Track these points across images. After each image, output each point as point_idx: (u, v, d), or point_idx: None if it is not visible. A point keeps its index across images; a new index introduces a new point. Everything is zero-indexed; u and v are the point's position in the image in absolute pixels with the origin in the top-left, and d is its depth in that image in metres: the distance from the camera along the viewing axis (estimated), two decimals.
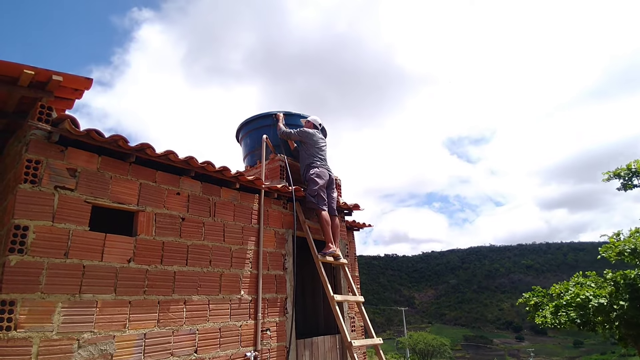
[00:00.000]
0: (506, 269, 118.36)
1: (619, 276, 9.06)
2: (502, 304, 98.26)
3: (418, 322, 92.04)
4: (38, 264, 2.50)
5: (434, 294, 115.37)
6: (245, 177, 3.89)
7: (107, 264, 2.82)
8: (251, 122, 5.28)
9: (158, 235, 3.17)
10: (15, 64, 2.54)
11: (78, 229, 2.73)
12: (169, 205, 3.31)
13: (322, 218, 4.43)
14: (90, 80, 2.85)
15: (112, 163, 3.03)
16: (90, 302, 2.67)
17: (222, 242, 3.64)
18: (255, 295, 3.78)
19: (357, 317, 4.89)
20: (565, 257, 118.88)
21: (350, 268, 5.04)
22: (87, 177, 2.85)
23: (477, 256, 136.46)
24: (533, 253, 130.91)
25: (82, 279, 2.67)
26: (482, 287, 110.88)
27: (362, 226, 6.30)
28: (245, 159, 5.38)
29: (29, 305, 2.41)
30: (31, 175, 2.59)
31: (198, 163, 3.45)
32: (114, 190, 2.98)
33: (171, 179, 3.39)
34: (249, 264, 3.82)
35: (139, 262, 2.99)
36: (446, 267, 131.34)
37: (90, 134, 2.80)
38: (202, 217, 3.54)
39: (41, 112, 2.71)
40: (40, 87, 2.76)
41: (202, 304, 3.32)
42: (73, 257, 2.66)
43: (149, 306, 2.97)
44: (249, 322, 3.66)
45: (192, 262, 3.34)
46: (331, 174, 4.79)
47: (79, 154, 2.85)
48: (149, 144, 3.11)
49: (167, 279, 3.14)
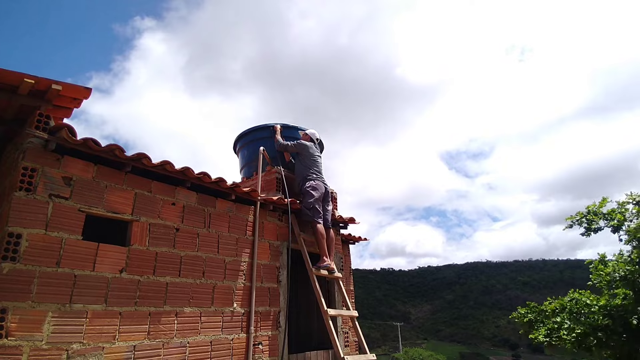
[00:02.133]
0: (503, 285, 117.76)
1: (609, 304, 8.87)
2: (499, 321, 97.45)
3: (413, 337, 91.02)
4: (30, 273, 2.48)
5: (430, 310, 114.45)
6: (241, 189, 3.90)
7: (98, 273, 2.80)
8: (248, 134, 5.31)
9: (152, 245, 3.16)
10: (16, 72, 2.57)
11: (71, 237, 2.72)
12: (164, 216, 3.31)
13: (318, 231, 4.43)
14: (89, 89, 2.88)
15: (108, 172, 3.03)
16: (81, 313, 2.64)
17: (216, 254, 3.62)
18: (248, 308, 3.74)
19: (351, 332, 4.85)
20: (561, 274, 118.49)
21: (345, 282, 5.01)
22: (82, 186, 2.85)
23: (474, 272, 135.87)
24: (529, 269, 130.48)
25: (73, 289, 2.64)
26: (478, 303, 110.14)
27: (357, 240, 6.28)
28: (242, 170, 5.40)
29: (20, 314, 2.39)
30: (26, 183, 2.59)
31: (194, 174, 3.46)
32: (109, 200, 2.98)
33: (167, 189, 3.39)
34: (242, 276, 3.80)
35: (131, 272, 2.97)
36: (442, 282, 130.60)
37: (87, 143, 2.81)
38: (197, 228, 3.54)
39: (39, 121, 2.73)
40: (40, 95, 2.78)
41: (193, 316, 3.29)
42: (65, 266, 2.64)
43: (139, 318, 2.94)
44: (241, 335, 3.62)
45: (185, 273, 3.32)
46: (327, 186, 4.81)
47: (75, 162, 2.86)
48: (145, 154, 3.12)
49: (159, 290, 3.12)
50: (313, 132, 5.12)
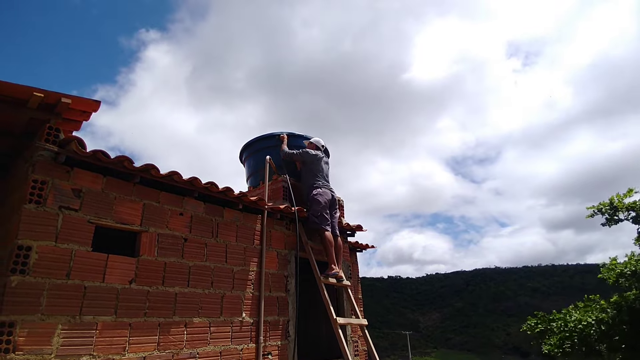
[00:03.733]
0: (512, 292, 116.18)
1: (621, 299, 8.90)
2: (510, 328, 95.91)
3: (423, 346, 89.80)
4: (39, 285, 2.49)
5: (439, 318, 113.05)
6: (249, 198, 3.90)
7: (108, 285, 2.80)
8: (254, 144, 5.33)
9: (160, 255, 3.16)
10: (25, 86, 2.61)
11: (81, 249, 2.73)
12: (172, 226, 3.32)
13: (326, 239, 4.41)
14: (98, 102, 2.91)
15: (117, 183, 3.05)
16: (91, 324, 2.64)
17: (224, 263, 3.61)
18: (256, 317, 3.72)
19: (360, 340, 4.79)
20: (572, 280, 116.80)
21: (353, 290, 4.98)
22: (91, 198, 2.87)
23: (483, 278, 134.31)
24: (539, 275, 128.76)
25: (83, 300, 2.64)
26: (488, 310, 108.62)
27: (365, 247, 6.25)
28: (249, 179, 5.41)
29: (29, 327, 2.38)
30: (36, 196, 2.61)
31: (202, 184, 3.47)
32: (118, 211, 3.00)
33: (174, 200, 3.41)
34: (250, 285, 3.79)
35: (140, 283, 2.97)
36: (451, 290, 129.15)
37: (96, 155, 2.83)
38: (205, 237, 3.54)
39: (49, 134, 2.76)
40: (49, 109, 2.82)
41: (203, 326, 3.28)
42: (75, 277, 2.65)
43: (149, 328, 2.93)
44: (250, 345, 3.59)
45: (193, 283, 3.32)
46: (334, 194, 4.80)
47: (84, 174, 2.88)
48: (154, 165, 3.14)
49: (169, 300, 3.11)
50: (318, 140, 5.13)
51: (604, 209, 10.02)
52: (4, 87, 2.56)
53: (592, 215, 10.29)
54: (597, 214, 10.24)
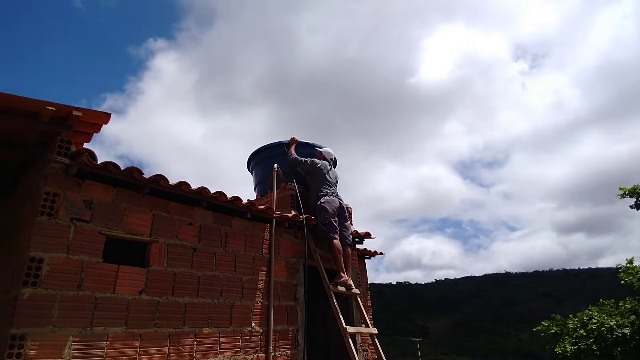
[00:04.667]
0: (523, 297, 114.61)
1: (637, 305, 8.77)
2: (521, 334, 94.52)
3: (433, 353, 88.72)
4: (51, 297, 2.50)
5: (448, 324, 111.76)
6: (257, 207, 3.91)
7: (119, 295, 2.81)
8: (262, 152, 5.35)
9: (170, 266, 3.17)
10: (37, 100, 2.65)
11: (92, 260, 2.75)
12: (181, 236, 3.33)
13: (334, 247, 4.40)
14: (108, 115, 2.95)
15: (127, 194, 3.08)
16: (101, 336, 2.65)
17: (233, 273, 3.61)
18: (266, 327, 3.71)
19: (370, 349, 4.75)
20: (583, 284, 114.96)
21: (363, 298, 4.94)
22: (102, 209, 2.89)
23: (493, 283, 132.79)
24: (550, 280, 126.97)
25: (94, 312, 2.66)
26: (499, 316, 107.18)
27: (373, 254, 6.21)
28: (257, 188, 5.42)
29: (40, 340, 2.40)
30: (48, 208, 2.64)
31: (210, 193, 3.49)
32: (128, 222, 3.02)
33: (183, 210, 3.42)
34: (259, 294, 3.78)
35: (150, 293, 2.98)
36: (461, 295, 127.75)
37: (107, 166, 2.86)
38: (214, 247, 3.54)
39: (60, 146, 2.80)
40: (60, 122, 2.86)
41: (212, 336, 3.27)
42: (86, 289, 2.67)
43: (159, 339, 2.93)
44: (260, 355, 3.57)
45: (203, 293, 3.32)
46: (342, 201, 4.79)
47: (95, 186, 2.91)
48: (163, 175, 3.16)
49: (178, 310, 3.11)
50: (329, 151, 5.11)
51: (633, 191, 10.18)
52: (17, 101, 2.61)
53: (622, 195, 10.44)
54: (627, 195, 10.39)
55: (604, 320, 9.01)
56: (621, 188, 10.59)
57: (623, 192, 10.50)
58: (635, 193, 10.29)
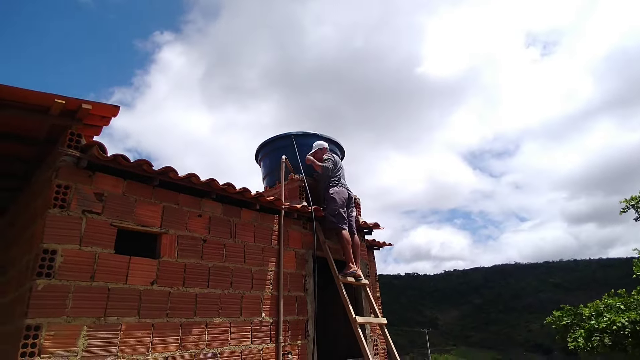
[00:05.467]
0: (533, 288, 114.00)
1: None
2: (531, 325, 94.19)
3: (442, 344, 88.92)
4: (65, 288, 2.54)
5: (458, 315, 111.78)
6: (265, 198, 3.92)
7: (131, 286, 2.85)
8: (270, 143, 5.35)
9: (180, 257, 3.20)
10: (47, 93, 2.67)
11: (104, 252, 2.78)
12: (191, 227, 3.35)
13: (343, 237, 4.40)
14: (117, 107, 2.96)
15: (137, 187, 3.10)
16: (115, 325, 2.69)
17: (242, 264, 3.64)
18: (276, 317, 3.74)
19: (380, 339, 4.77)
20: (594, 274, 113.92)
21: (372, 288, 4.95)
22: (113, 201, 2.92)
23: (502, 274, 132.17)
24: (561, 270, 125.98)
25: (107, 302, 2.70)
26: (508, 307, 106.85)
27: (382, 245, 6.22)
28: (265, 179, 5.43)
29: (55, 330, 2.44)
30: (60, 200, 2.67)
31: (219, 185, 3.50)
32: (139, 213, 3.05)
33: (193, 201, 3.44)
34: (269, 285, 3.80)
35: (161, 284, 3.02)
36: (470, 286, 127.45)
37: (117, 159, 2.88)
38: (223, 238, 3.56)
39: (71, 139, 2.82)
40: (70, 115, 2.88)
41: (223, 326, 3.31)
42: (99, 280, 2.70)
43: (171, 329, 2.97)
44: (270, 345, 3.61)
45: (213, 284, 3.35)
46: (350, 192, 4.78)
47: (105, 178, 2.93)
48: (172, 168, 3.18)
49: (189, 301, 3.15)
50: (322, 143, 5.03)
51: (635, 204, 9.83)
52: (26, 94, 2.63)
53: (624, 209, 10.10)
54: (630, 208, 10.05)
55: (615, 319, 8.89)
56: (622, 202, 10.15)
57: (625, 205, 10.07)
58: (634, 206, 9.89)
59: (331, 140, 5.31)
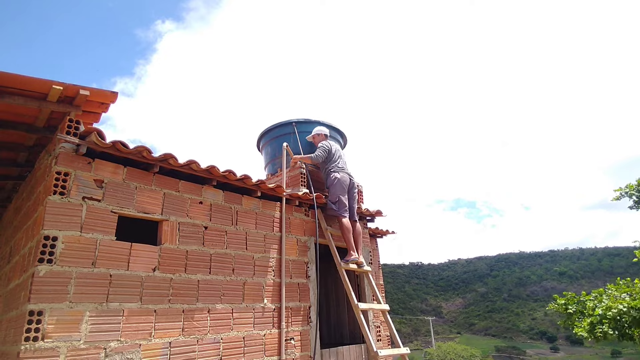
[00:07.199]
0: (538, 277, 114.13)
1: None
2: (535, 313, 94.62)
3: (446, 332, 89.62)
4: (67, 274, 2.56)
5: (462, 303, 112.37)
6: (267, 185, 3.90)
7: (133, 272, 2.86)
8: (271, 131, 5.31)
9: (182, 244, 3.20)
10: (44, 79, 2.65)
11: (105, 238, 2.79)
12: (192, 214, 3.35)
13: (343, 225, 4.39)
14: (115, 94, 2.93)
15: (137, 173, 3.09)
16: (117, 311, 2.71)
17: (244, 251, 3.64)
18: (278, 304, 3.75)
19: (383, 326, 4.79)
20: (600, 263, 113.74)
21: (375, 276, 4.95)
22: (113, 188, 2.92)
23: (507, 263, 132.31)
24: (566, 259, 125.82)
25: (109, 288, 2.71)
26: (512, 295, 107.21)
27: (385, 233, 6.21)
28: (267, 167, 5.41)
29: (57, 315, 2.46)
30: (60, 187, 2.67)
31: (220, 172, 3.48)
32: (139, 200, 3.04)
33: (194, 188, 3.43)
34: (271, 272, 3.81)
35: (163, 270, 3.03)
36: (474, 275, 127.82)
37: (115, 145, 2.87)
38: (225, 225, 3.56)
39: (69, 126, 2.81)
40: (69, 101, 2.86)
41: (225, 312, 3.32)
42: (100, 266, 2.71)
43: (173, 315, 2.99)
44: (273, 331, 3.63)
45: (215, 270, 3.36)
46: (352, 179, 4.75)
47: (105, 165, 2.93)
48: (172, 154, 3.16)
49: (191, 287, 3.16)
50: (322, 129, 4.99)
51: (630, 192, 9.66)
52: (24, 81, 2.61)
53: (618, 197, 9.94)
54: (624, 196, 9.88)
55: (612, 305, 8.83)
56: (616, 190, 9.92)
57: (619, 194, 9.85)
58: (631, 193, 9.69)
59: (333, 127, 5.27)
